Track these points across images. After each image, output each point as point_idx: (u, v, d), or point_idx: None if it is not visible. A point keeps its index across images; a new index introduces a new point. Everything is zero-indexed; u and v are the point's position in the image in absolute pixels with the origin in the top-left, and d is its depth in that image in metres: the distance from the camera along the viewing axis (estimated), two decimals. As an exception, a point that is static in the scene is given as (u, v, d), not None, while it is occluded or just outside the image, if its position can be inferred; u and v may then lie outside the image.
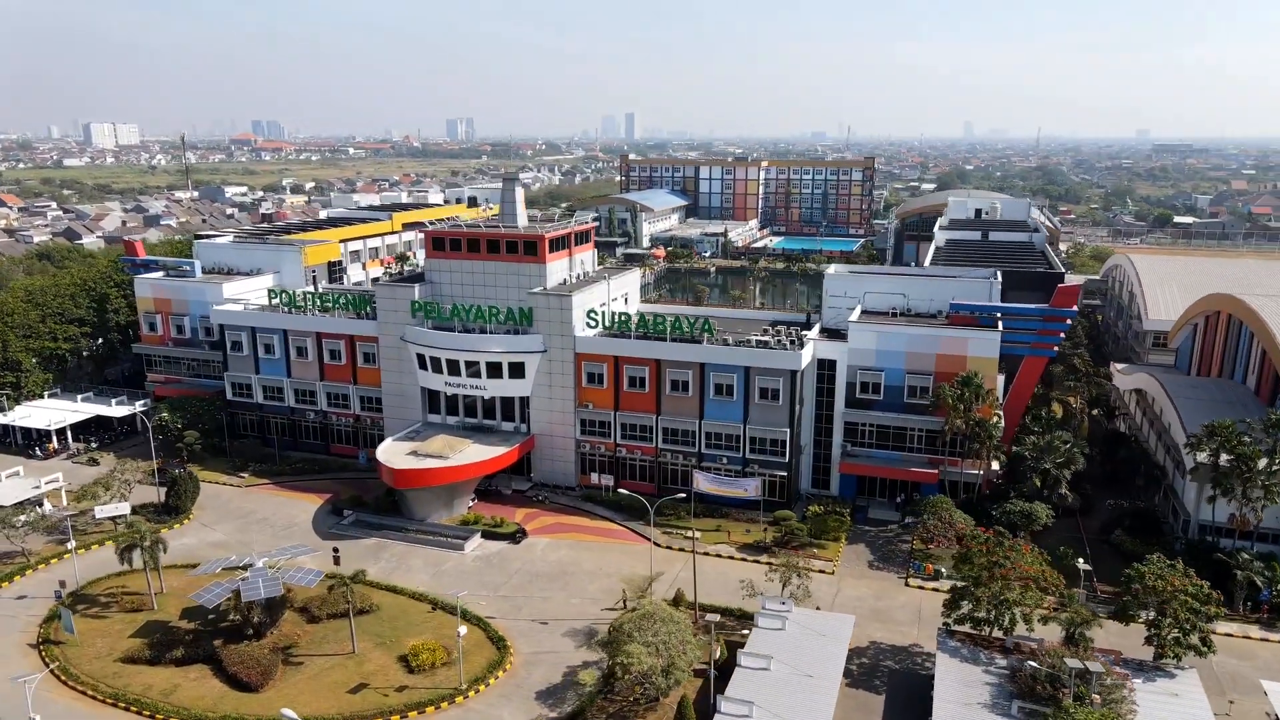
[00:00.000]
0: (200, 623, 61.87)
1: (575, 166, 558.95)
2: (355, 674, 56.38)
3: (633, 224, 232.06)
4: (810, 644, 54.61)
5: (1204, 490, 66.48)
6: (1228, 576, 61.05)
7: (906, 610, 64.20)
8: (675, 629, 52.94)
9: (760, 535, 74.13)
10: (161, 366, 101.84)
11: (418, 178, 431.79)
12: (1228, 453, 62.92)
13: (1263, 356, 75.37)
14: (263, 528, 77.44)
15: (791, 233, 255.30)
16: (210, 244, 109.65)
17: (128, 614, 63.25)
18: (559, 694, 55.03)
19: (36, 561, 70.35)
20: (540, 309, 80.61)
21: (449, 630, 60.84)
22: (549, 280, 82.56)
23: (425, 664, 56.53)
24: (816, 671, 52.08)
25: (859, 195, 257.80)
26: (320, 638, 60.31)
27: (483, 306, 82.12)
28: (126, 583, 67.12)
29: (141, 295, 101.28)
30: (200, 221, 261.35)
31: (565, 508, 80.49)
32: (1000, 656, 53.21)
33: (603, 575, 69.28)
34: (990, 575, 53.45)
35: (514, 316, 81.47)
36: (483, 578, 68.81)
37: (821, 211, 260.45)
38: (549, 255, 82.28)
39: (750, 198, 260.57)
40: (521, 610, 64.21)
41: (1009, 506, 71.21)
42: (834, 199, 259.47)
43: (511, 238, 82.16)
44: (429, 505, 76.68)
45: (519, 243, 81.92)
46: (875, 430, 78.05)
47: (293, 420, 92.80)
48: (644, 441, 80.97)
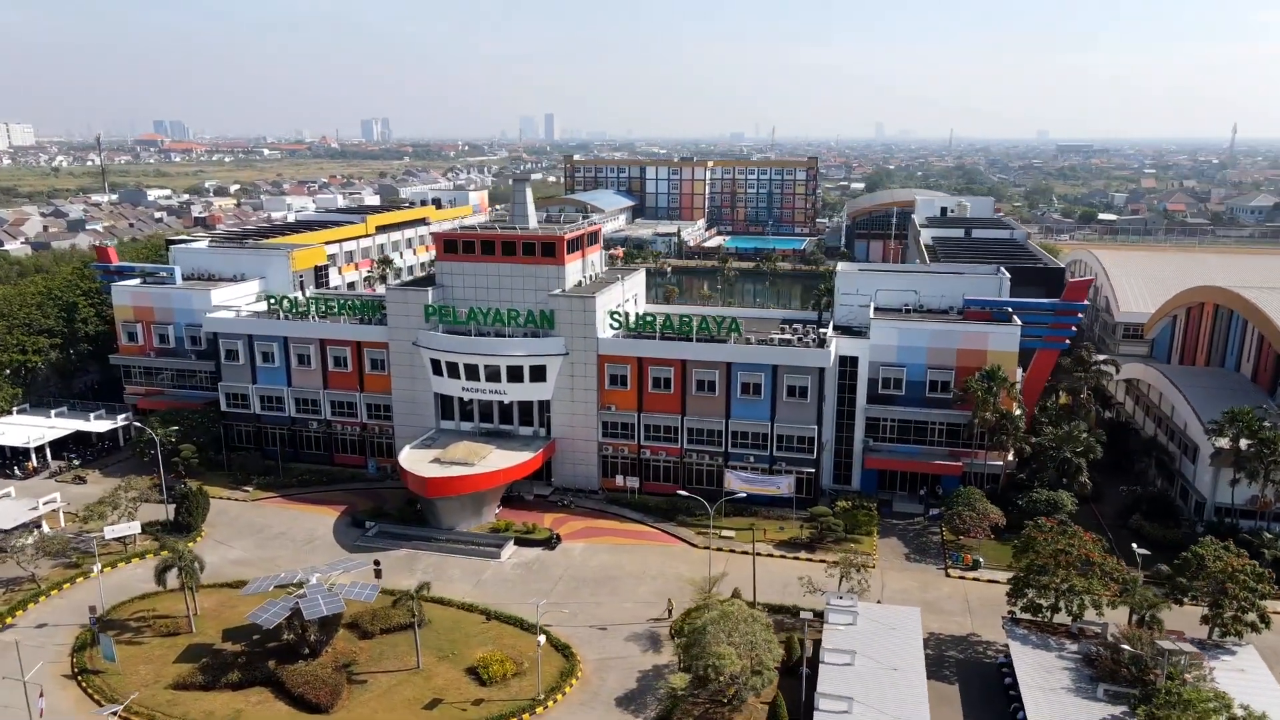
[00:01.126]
0: (246, 644, 59.36)
1: (504, 168, 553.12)
2: (426, 690, 54.84)
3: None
4: (885, 638, 55.32)
5: (1223, 474, 69.63)
6: (1255, 555, 63.89)
7: (954, 601, 65.54)
8: (757, 628, 52.99)
9: (795, 532, 74.72)
10: (141, 378, 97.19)
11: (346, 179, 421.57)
12: (1248, 437, 65.98)
13: (1259, 345, 79.31)
14: (282, 543, 74.70)
15: (738, 232, 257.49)
16: (188, 249, 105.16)
17: (164, 638, 60.28)
18: (638, 699, 54.54)
19: (48, 587, 66.47)
20: (562, 311, 79.69)
21: (509, 640, 60.01)
22: (566, 282, 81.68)
23: (496, 675, 55.36)
24: (900, 665, 52.79)
25: (803, 195, 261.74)
26: (378, 654, 58.50)
27: (501, 309, 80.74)
28: (155, 605, 64.05)
29: (120, 303, 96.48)
30: (128, 226, 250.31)
31: (592, 511, 79.73)
32: (1069, 642, 54.79)
33: (648, 578, 68.93)
34: (1056, 563, 55.00)
35: (534, 319, 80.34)
36: (528, 585, 67.66)
37: (767, 211, 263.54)
38: (567, 257, 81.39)
39: (697, 197, 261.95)
40: (577, 617, 63.32)
41: (1034, 495, 73.41)
42: (779, 198, 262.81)
43: (529, 239, 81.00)
44: (458, 514, 75.08)
45: (536, 244, 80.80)
46: (897, 425, 79.45)
47: (294, 430, 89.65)
48: (669, 442, 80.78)
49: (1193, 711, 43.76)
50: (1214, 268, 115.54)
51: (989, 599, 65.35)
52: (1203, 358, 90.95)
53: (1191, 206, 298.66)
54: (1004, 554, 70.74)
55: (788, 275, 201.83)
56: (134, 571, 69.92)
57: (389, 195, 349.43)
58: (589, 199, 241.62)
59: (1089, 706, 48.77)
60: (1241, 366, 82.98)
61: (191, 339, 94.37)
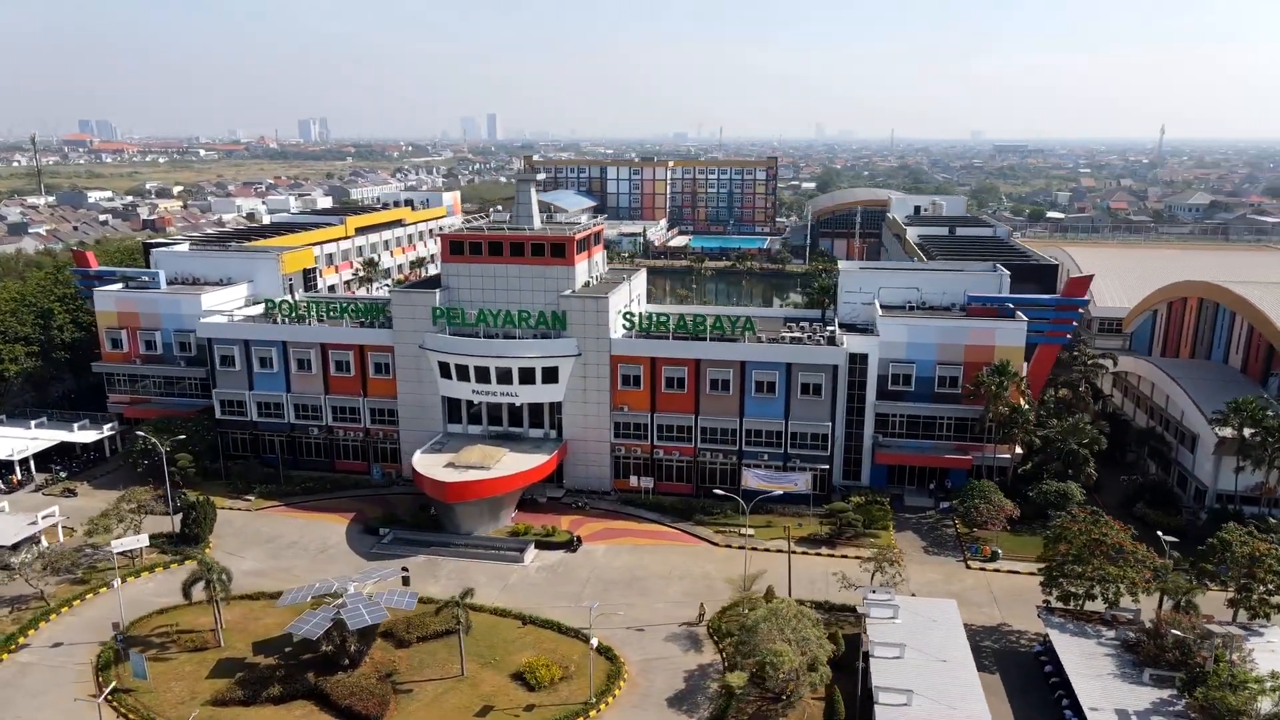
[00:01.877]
0: (279, 657, 57.95)
1: (452, 168, 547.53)
2: (474, 697, 54.14)
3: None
4: (928, 630, 56.09)
5: (1225, 462, 72.12)
6: (1261, 540, 66.40)
7: (979, 592, 66.76)
8: (807, 624, 53.41)
9: (814, 528, 75.38)
10: (126, 386, 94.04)
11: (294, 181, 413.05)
12: (1252, 426, 68.45)
13: (1249, 338, 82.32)
14: (296, 553, 73.01)
15: (699, 231, 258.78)
16: (170, 253, 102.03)
17: (191, 653, 58.50)
18: (689, 699, 54.53)
19: (58, 605, 63.99)
20: (574, 312, 79.24)
21: (549, 644, 59.58)
22: (575, 283, 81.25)
23: (544, 680, 54.87)
24: (948, 657, 53.60)
25: (763, 194, 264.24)
26: (417, 662, 57.55)
27: (512, 311, 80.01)
28: (177, 620, 62.13)
29: (103, 309, 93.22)
30: (71, 229, 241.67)
31: (607, 513, 79.42)
32: (1105, 629, 56.24)
33: (675, 578, 68.94)
34: (1090, 552, 56.44)
35: (545, 320, 79.76)
36: (556, 589, 67.20)
37: (727, 210, 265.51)
38: (576, 257, 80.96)
39: (659, 197, 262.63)
40: (612, 619, 63.04)
41: (1045, 487, 75.12)
42: (739, 197, 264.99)
43: (539, 239, 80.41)
44: (476, 518, 74.24)
45: (546, 245, 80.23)
46: (905, 420, 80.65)
47: (293, 437, 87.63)
48: (682, 442, 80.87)
49: (1245, 691, 45.31)
50: (1186, 264, 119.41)
51: (1013, 589, 66.81)
52: (1187, 350, 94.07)
53: (1133, 205, 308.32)
54: (1019, 545, 72.55)
55: (755, 274, 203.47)
56: (145, 586, 67.74)
57: (339, 196, 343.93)
58: (551, 199, 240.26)
59: (1137, 691, 50.15)
60: (1230, 359, 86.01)
61: (181, 345, 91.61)
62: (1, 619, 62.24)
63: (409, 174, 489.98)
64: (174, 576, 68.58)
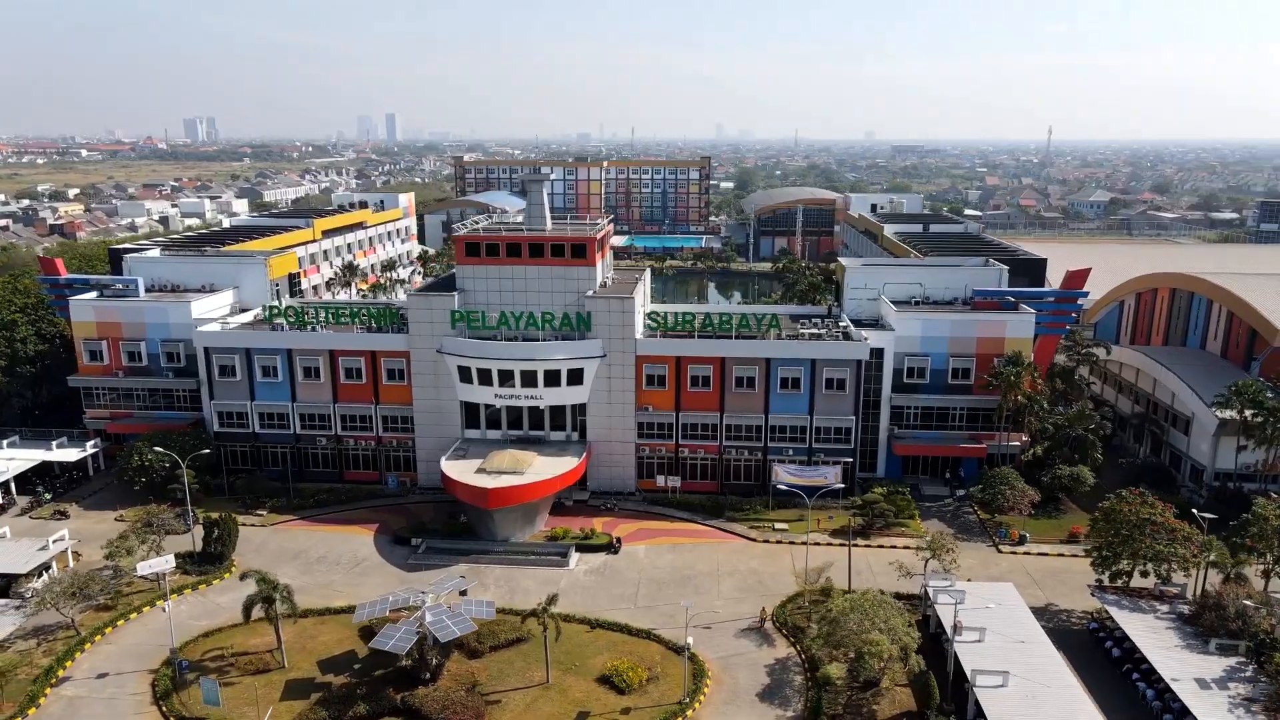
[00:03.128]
0: (349, 674, 56.10)
1: (362, 169, 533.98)
2: (567, 704, 53.46)
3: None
4: (997, 613, 57.90)
5: (1223, 442, 76.82)
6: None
7: (1017, 574, 69.20)
8: (893, 613, 54.62)
9: (845, 520, 76.71)
10: (106, 400, 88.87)
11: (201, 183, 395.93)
12: (1254, 408, 73.10)
13: (1228, 324, 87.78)
14: (329, 568, 70.52)
15: (635, 231, 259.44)
16: (143, 259, 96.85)
17: (254, 676, 55.94)
18: (779, 694, 55.10)
19: (90, 633, 60.23)
20: (600, 313, 78.83)
21: (624, 647, 59.36)
22: (596, 283, 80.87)
23: (634, 683, 54.63)
24: (1025, 637, 55.65)
25: (697, 193, 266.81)
26: (496, 672, 56.45)
27: (535, 313, 79.10)
28: (229, 641, 59.35)
29: (80, 319, 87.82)
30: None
31: (636, 513, 79.31)
32: (1158, 604, 59.35)
33: (723, 575, 69.42)
34: (1142, 531, 59.42)
35: (570, 322, 79.13)
36: (609, 591, 66.85)
37: (662, 210, 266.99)
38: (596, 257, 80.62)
39: (594, 197, 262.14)
40: (675, 618, 62.91)
41: (1058, 472, 78.60)
42: (673, 197, 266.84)
43: (559, 240, 79.66)
44: (513, 524, 73.15)
45: (567, 245, 79.54)
46: (920, 412, 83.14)
47: (298, 448, 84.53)
48: (708, 440, 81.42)
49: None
50: (1134, 258, 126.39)
51: (1048, 570, 69.71)
52: (1159, 339, 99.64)
53: (1040, 202, 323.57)
54: (1040, 528, 75.69)
55: (703, 273, 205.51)
56: (179, 609, 64.09)
57: (254, 199, 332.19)
58: (489, 200, 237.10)
59: (1207, 660, 53.06)
60: (1208, 345, 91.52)
61: (169, 355, 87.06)
62: (31, 651, 58.24)
63: (318, 175, 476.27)
64: (207, 598, 65.64)
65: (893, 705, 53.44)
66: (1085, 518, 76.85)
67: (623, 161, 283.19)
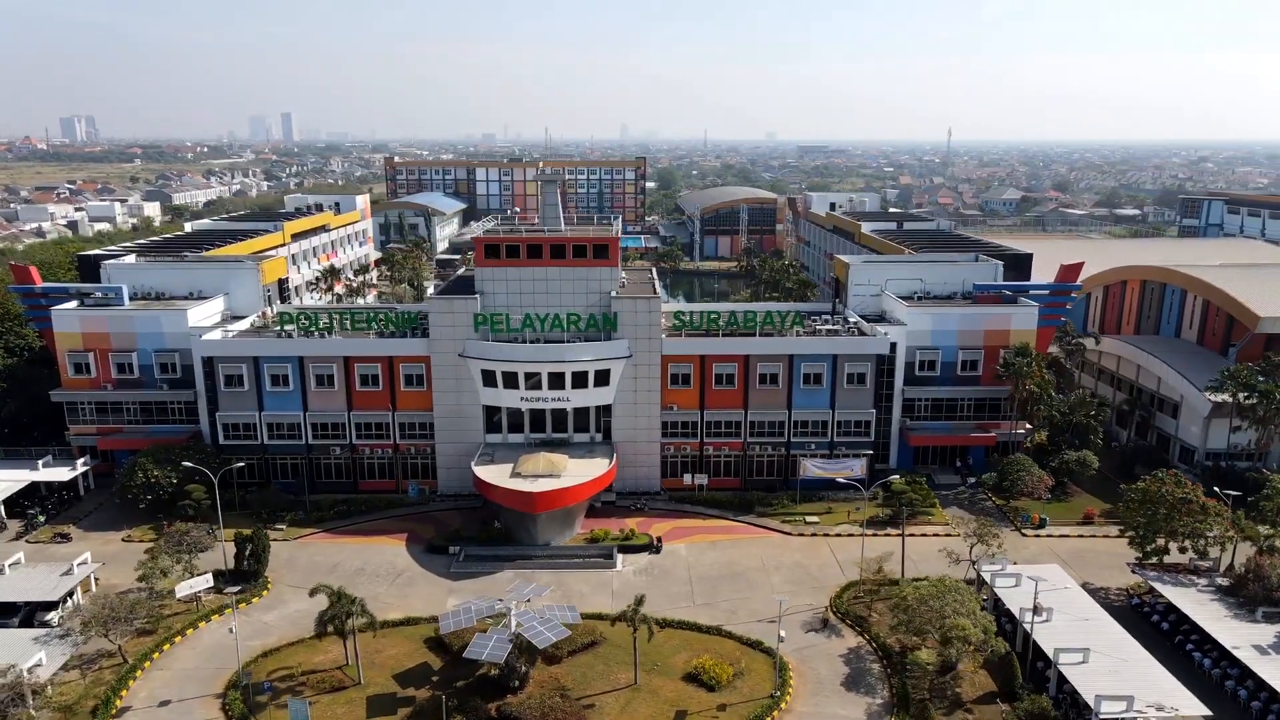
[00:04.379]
0: (431, 686, 54.79)
1: (269, 169, 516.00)
2: (662, 704, 53.37)
3: (427, 228, 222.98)
4: (1054, 594, 60.40)
5: (1214, 424, 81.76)
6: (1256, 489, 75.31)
7: (1046, 555, 72.03)
8: (968, 598, 56.42)
9: (873, 511, 78.70)
10: (93, 415, 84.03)
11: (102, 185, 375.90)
12: (1247, 391, 77.98)
13: (1204, 314, 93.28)
14: (370, 580, 68.46)
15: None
16: (123, 266, 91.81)
17: (331, 694, 54.08)
18: (862, 682, 56.18)
19: (137, 660, 57.06)
20: (626, 313, 78.71)
21: (700, 644, 59.68)
22: (616, 283, 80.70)
23: (723, 680, 54.94)
24: (1087, 615, 58.25)
25: (632, 193, 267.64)
26: (579, 676, 55.90)
27: (560, 314, 78.50)
28: (296, 660, 57.17)
29: (64, 330, 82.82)
30: None
31: (666, 512, 79.50)
32: (1197, 577, 62.83)
33: (771, 569, 70.28)
34: (1180, 511, 62.82)
35: (596, 323, 78.78)
36: (663, 590, 66.85)
37: (598, 210, 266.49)
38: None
39: (530, 198, 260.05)
40: (737, 614, 63.70)
41: (1065, 457, 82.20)
42: (609, 197, 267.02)
43: (581, 240, 79.20)
44: (554, 528, 72.48)
45: (589, 245, 79.15)
46: (930, 404, 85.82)
47: (310, 459, 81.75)
48: (731, 437, 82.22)
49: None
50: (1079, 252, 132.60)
51: (1075, 551, 72.90)
52: (1130, 328, 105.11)
53: (955, 200, 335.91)
54: (1053, 511, 79.06)
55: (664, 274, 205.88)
56: (224, 629, 61.51)
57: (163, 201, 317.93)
58: (426, 201, 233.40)
59: (1258, 628, 56.47)
60: (1183, 333, 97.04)
61: (163, 366, 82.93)
62: (74, 684, 54.82)
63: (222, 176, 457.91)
64: (251, 617, 62.98)
65: (973, 687, 55.15)
66: (1092, 500, 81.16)
67: (558, 162, 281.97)
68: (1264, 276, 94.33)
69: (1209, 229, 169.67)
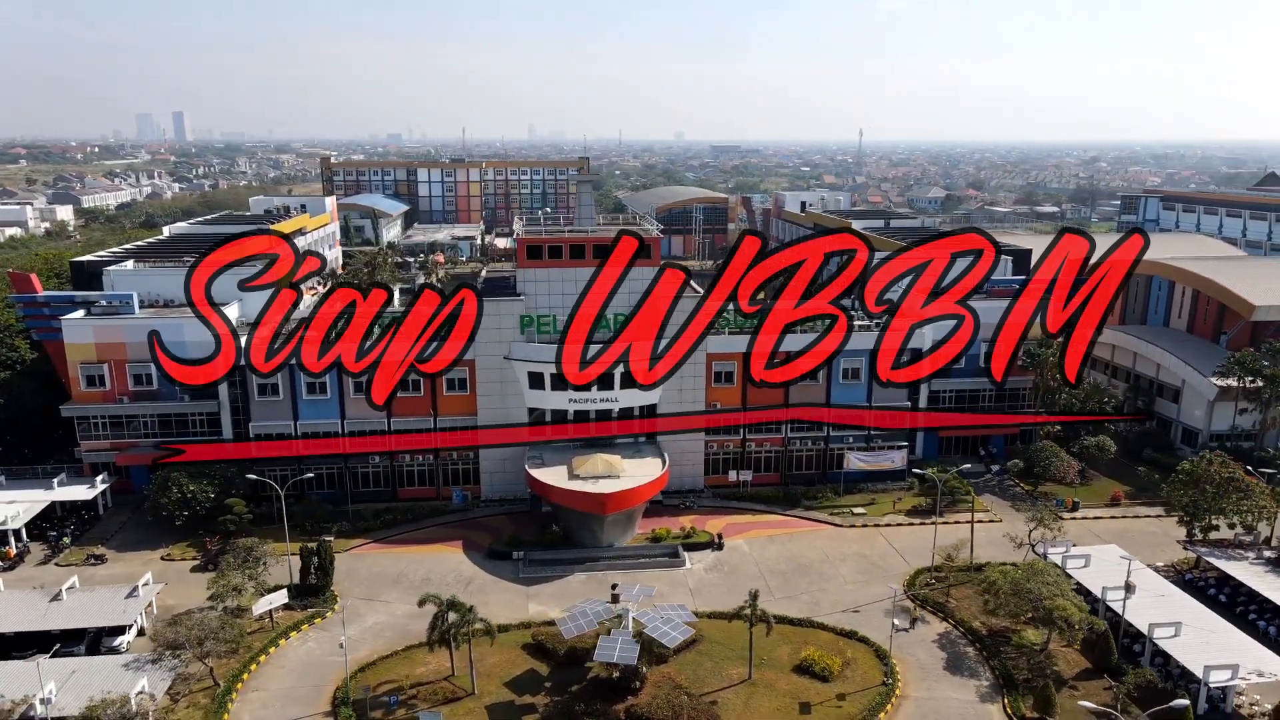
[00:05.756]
0: (546, 694, 54.16)
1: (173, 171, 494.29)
2: (782, 697, 53.94)
3: (374, 230, 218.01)
4: (1121, 572, 63.40)
5: (1218, 408, 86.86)
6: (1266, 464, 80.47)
7: (1088, 537, 75.16)
8: (1061, 580, 58.72)
9: (914, 500, 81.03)
10: (106, 430, 79.76)
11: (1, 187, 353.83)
12: (1252, 375, 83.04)
13: (1194, 303, 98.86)
14: (441, 589, 65.57)
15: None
16: (125, 272, 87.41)
17: (446, 705, 52.89)
18: (963, 665, 57.84)
19: (228, 683, 54.60)
20: (675, 312, 78.76)
21: (797, 636, 60.63)
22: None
23: (834, 670, 55.88)
24: (1160, 591, 61.40)
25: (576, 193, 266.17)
26: (692, 675, 55.97)
27: (607, 314, 78.01)
28: (401, 672, 55.70)
29: (75, 341, 78.29)
30: None
31: (715, 509, 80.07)
32: (1245, 551, 66.80)
33: (837, 560, 71.63)
34: (1229, 490, 66.65)
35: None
36: (741, 585, 66.87)
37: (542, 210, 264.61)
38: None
39: (473, 199, 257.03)
40: (820, 605, 64.78)
41: (1085, 442, 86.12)
42: (553, 198, 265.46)
43: (625, 241, 78.94)
44: (618, 529, 72.41)
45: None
46: (954, 395, 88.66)
47: (348, 468, 79.37)
48: (772, 433, 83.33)
49: None
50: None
51: (1112, 531, 76.40)
52: (1114, 319, 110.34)
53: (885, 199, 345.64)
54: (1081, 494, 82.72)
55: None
56: (306, 646, 59.57)
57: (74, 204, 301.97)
58: (370, 203, 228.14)
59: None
60: (1172, 323, 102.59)
61: (184, 378, 79.26)
62: (172, 710, 52.03)
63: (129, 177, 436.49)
64: (329, 632, 60.86)
65: (1068, 665, 57.43)
66: (1110, 483, 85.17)
67: (500, 162, 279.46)
68: (1247, 269, 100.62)
69: (1146, 224, 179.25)
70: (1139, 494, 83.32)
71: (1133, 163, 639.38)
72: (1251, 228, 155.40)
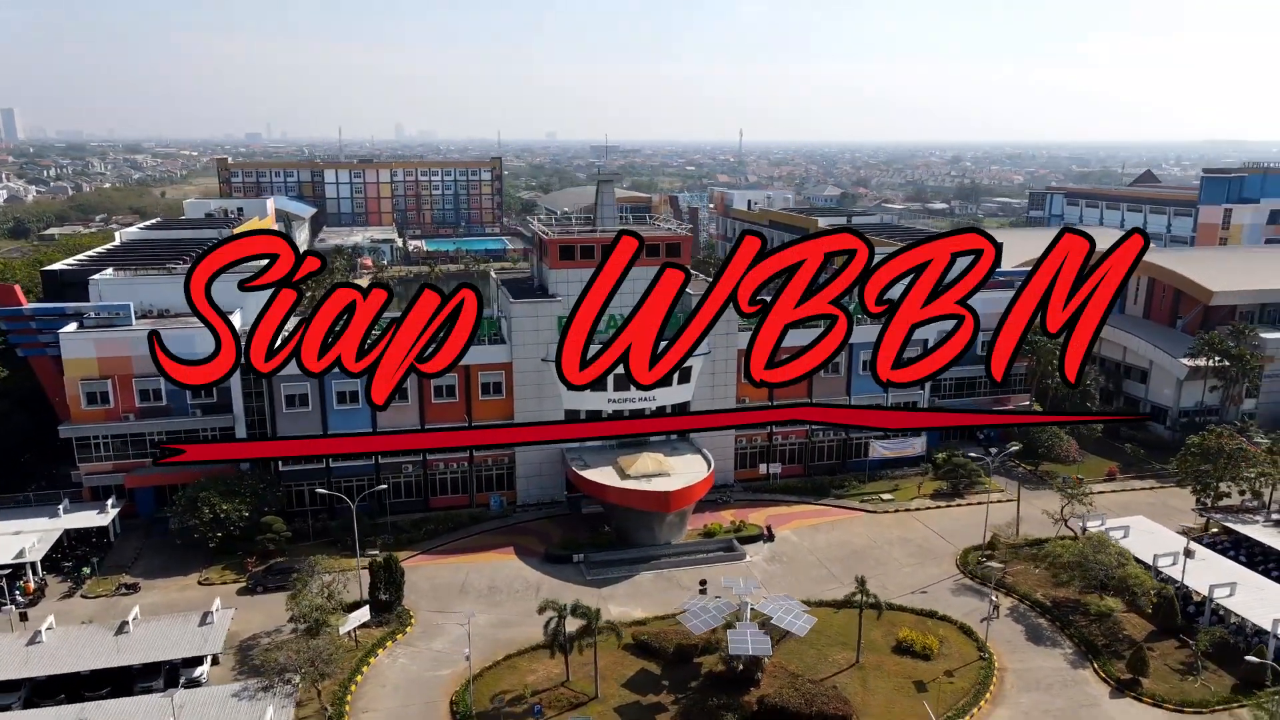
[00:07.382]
0: (669, 692, 54.25)
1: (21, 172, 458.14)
2: (895, 677, 55.68)
3: (289, 234, 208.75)
4: (1157, 539, 68.34)
5: (1186, 386, 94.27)
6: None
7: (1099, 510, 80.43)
8: (1119, 551, 62.80)
9: (935, 485, 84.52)
10: (109, 450, 74.32)
11: None
12: (1219, 355, 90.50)
13: (1149, 290, 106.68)
14: (511, 597, 65.81)
15: (427, 235, 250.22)
16: (113, 281, 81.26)
17: (571, 711, 52.24)
18: (1045, 636, 60.91)
19: (336, 706, 52.16)
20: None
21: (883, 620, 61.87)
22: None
23: (933, 649, 58.00)
24: (1201, 556, 66.26)
25: (489, 194, 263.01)
26: (801, 664, 56.93)
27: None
28: (515, 681, 54.51)
29: (75, 356, 72.55)
30: None
31: (750, 502, 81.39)
32: (1254, 515, 72.93)
33: (884, 545, 74.10)
34: (1237, 459, 72.64)
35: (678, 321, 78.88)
36: (804, 574, 69.07)
37: (454, 212, 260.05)
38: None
39: (383, 201, 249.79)
40: (887, 588, 66.55)
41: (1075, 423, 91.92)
42: (465, 199, 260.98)
43: (655, 240, 79.12)
44: (674, 527, 72.77)
45: (661, 245, 79.31)
46: (954, 382, 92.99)
47: (379, 478, 76.54)
48: (797, 426, 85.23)
49: None
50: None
51: (1122, 504, 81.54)
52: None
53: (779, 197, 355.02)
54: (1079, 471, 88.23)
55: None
56: (399, 663, 57.53)
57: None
58: (286, 206, 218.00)
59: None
60: (1128, 309, 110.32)
61: (195, 391, 74.72)
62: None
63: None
64: (416, 647, 59.05)
65: (1135, 629, 61.38)
66: (1104, 461, 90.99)
67: (410, 163, 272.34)
68: (1197, 258, 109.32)
69: (1052, 219, 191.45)
70: (1127, 468, 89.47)
71: (991, 162, 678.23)
72: (1151, 221, 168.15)
